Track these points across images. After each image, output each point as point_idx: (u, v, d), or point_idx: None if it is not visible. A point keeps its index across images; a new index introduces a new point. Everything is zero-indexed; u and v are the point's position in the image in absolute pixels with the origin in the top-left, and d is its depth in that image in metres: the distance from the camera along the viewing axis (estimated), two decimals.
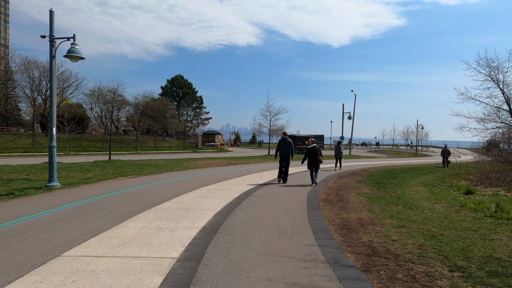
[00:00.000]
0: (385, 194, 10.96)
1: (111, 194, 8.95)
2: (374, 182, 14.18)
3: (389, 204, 8.84)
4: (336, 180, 13.78)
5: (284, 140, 12.38)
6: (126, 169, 16.72)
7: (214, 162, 23.50)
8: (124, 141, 45.58)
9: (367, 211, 7.52)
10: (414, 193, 12.31)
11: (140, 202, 7.75)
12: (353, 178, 14.75)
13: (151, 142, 47.78)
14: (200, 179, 12.68)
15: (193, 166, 19.91)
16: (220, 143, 61.16)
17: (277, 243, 4.82)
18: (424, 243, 5.01)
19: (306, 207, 7.61)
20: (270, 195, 9.09)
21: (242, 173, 15.52)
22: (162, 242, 4.80)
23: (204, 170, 17.16)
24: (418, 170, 22.19)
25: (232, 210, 7.08)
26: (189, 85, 58.01)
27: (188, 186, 10.69)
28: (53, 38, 10.47)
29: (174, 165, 20.07)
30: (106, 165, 19.29)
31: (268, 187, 10.71)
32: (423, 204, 9.65)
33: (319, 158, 12.08)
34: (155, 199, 8.21)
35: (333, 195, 9.69)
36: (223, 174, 15.06)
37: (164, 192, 9.37)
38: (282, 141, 12.42)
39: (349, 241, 5.05)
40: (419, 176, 19.00)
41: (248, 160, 27.10)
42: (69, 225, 5.70)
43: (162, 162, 23.59)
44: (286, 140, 12.35)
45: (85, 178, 12.98)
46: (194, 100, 59.01)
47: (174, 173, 15.16)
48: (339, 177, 14.80)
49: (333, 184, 12.44)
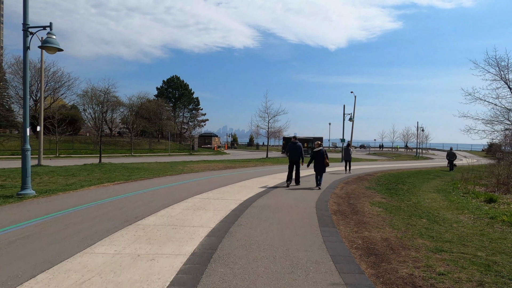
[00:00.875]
0: (400, 203, 9.77)
1: (88, 205, 7.69)
2: (384, 188, 13.00)
3: (410, 216, 7.64)
4: (343, 186, 12.59)
5: (293, 144, 12.21)
6: (115, 174, 15.46)
7: (210, 166, 22.26)
8: (118, 143, 44.22)
9: (390, 226, 6.32)
10: (430, 201, 11.15)
11: (120, 216, 6.50)
12: (361, 184, 13.56)
13: (146, 144, 46.45)
14: (194, 186, 11.44)
15: (188, 170, 18.66)
16: (217, 145, 59.88)
17: (289, 280, 3.60)
18: (482, 278, 3.81)
19: (317, 222, 6.39)
20: (274, 206, 7.87)
21: (240, 178, 14.30)
22: (135, 279, 3.57)
23: (199, 174, 15.91)
24: (425, 174, 21.05)
25: (229, 227, 5.85)
26: (185, 86, 56.72)
27: (179, 194, 9.45)
28: (27, 27, 9.22)
29: (168, 169, 18.82)
30: (95, 168, 18.01)
31: (270, 195, 9.49)
32: (445, 215, 8.48)
33: (326, 162, 11.91)
34: (138, 211, 6.97)
35: (345, 205, 8.48)
36: (220, 179, 13.83)
37: (151, 202, 8.12)
38: (291, 144, 12.25)
39: (383, 275, 3.84)
40: (428, 181, 17.85)
41: (246, 163, 25.87)
42: (19, 250, 4.45)
43: (156, 165, 22.36)
44: (295, 144, 12.18)
45: (67, 184, 11.71)
46: (190, 101, 57.71)
47: (166, 178, 13.91)
48: (345, 183, 13.61)
49: (341, 191, 11.24)
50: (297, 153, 12.00)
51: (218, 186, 11.28)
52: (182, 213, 6.93)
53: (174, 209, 7.34)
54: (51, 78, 38.79)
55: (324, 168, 11.84)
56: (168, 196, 9.11)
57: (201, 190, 10.33)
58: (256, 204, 8.12)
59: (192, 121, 60.97)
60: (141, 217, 6.44)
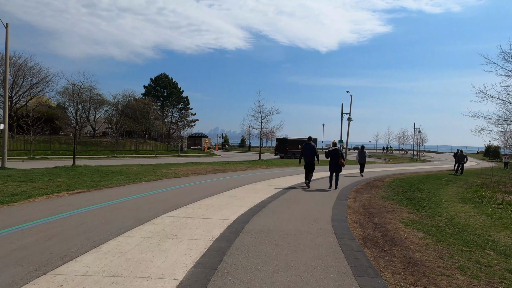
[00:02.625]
0: (434, 220, 7.58)
1: (3, 232, 5.31)
2: (403, 198, 10.82)
3: (468, 245, 5.43)
4: (356, 196, 10.37)
5: (307, 145, 11.99)
6: (83, 179, 13.04)
7: (197, 169, 19.90)
8: (102, 143, 41.48)
9: (459, 270, 4.09)
10: (465, 215, 9.00)
11: (34, 257, 4.14)
12: (374, 192, 11.37)
13: (131, 145, 43.79)
14: (172, 196, 9.09)
15: (171, 174, 16.30)
16: (207, 146, 57.36)
17: None
18: None
19: (347, 265, 4.10)
20: (275, 232, 5.58)
21: (229, 184, 12.00)
22: None
23: (182, 180, 13.55)
24: (435, 179, 18.97)
25: (208, 277, 3.56)
26: (174, 84, 54.04)
27: (148, 209, 7.11)
28: None
29: (148, 173, 16.44)
30: (62, 173, 15.52)
31: (269, 212, 7.20)
32: (504, 240, 6.31)
33: (341, 161, 11.59)
34: (72, 244, 4.62)
35: (370, 227, 6.25)
36: (206, 186, 11.51)
37: (101, 226, 5.76)
38: (305, 146, 12.05)
39: None
40: (443, 187, 15.78)
41: (237, 166, 23.55)
42: None
43: (137, 168, 19.96)
44: (309, 145, 11.94)
45: (13, 193, 9.30)
46: (179, 100, 55.02)
47: (141, 186, 11.54)
48: (356, 191, 11.40)
49: (355, 202, 9.02)
50: (311, 154, 11.76)
51: (202, 197, 8.96)
52: (140, 246, 4.60)
53: (131, 237, 5.01)
54: (28, 73, 35.90)
55: (340, 168, 11.64)
56: (132, 213, 6.75)
57: (178, 203, 7.99)
58: (251, 227, 5.81)
59: (182, 121, 58.28)
60: (70, 258, 4.09)
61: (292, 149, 41.99)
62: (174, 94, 54.20)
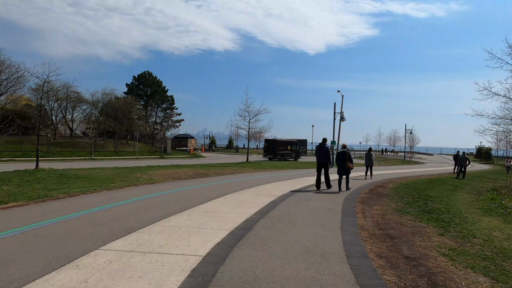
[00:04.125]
0: (474, 247, 5.67)
1: None
2: (418, 210, 8.92)
3: None
4: (364, 209, 8.42)
5: (321, 146, 11.89)
6: (34, 187, 10.87)
7: (177, 173, 17.75)
8: (79, 145, 38.80)
9: None
10: (500, 234, 7.13)
11: None
12: (384, 203, 9.46)
13: (111, 146, 41.22)
14: (127, 213, 6.94)
15: (145, 179, 14.15)
16: (193, 148, 54.97)
17: None
18: None
19: None
20: (264, 283, 3.55)
21: (209, 193, 9.93)
22: None
23: (153, 188, 11.41)
24: (439, 183, 17.22)
25: None
26: (158, 83, 51.48)
27: (79, 238, 4.97)
28: None
29: (119, 178, 14.28)
30: (14, 178, 13.24)
31: (255, 240, 5.14)
32: None
33: (348, 165, 11.39)
34: None
35: (404, 266, 4.26)
36: (179, 196, 9.40)
37: (12, 263, 3.65)
38: (319, 147, 11.97)
39: None
40: (452, 193, 14.02)
41: (223, 169, 21.45)
42: None
43: (108, 172, 17.74)
44: (324, 146, 11.85)
45: None
46: (164, 99, 52.46)
47: (99, 196, 9.38)
48: (362, 202, 9.45)
49: (366, 220, 7.06)
50: (324, 155, 11.71)
51: (170, 213, 6.87)
52: None
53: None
54: None
55: (348, 171, 11.56)
56: (52, 247, 4.60)
57: (133, 224, 5.87)
58: (227, 273, 3.72)
59: (166, 122, 55.74)
60: None
61: (281, 151, 40.02)
62: (158, 93, 51.69)
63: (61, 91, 39.35)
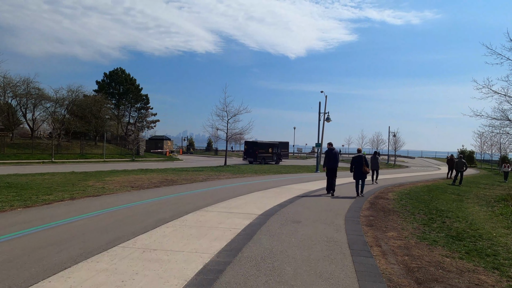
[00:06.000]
0: None
1: None
2: (443, 235, 6.72)
3: None
4: (376, 237, 6.10)
5: (330, 151, 11.91)
6: None
7: (140, 179, 15.08)
8: (40, 146, 35.12)
9: None
10: None
11: None
12: (398, 227, 7.19)
13: (78, 148, 37.77)
14: (39, 249, 4.38)
15: (95, 188, 11.51)
16: (170, 150, 51.84)
17: None
18: None
19: None
20: None
21: (164, 212, 7.39)
22: None
23: (96, 202, 8.74)
24: (441, 192, 15.18)
25: None
26: (131, 80, 48.10)
27: None
28: None
29: (64, 187, 11.62)
30: None
31: None
32: None
33: (364, 169, 11.37)
34: None
35: None
36: (117, 218, 6.80)
37: None
38: (329, 151, 11.94)
39: None
40: (461, 204, 12.02)
41: (196, 174, 18.86)
42: None
43: (58, 178, 14.98)
44: (332, 151, 11.90)
45: None
46: (138, 99, 49.09)
47: (19, 216, 6.67)
48: (369, 225, 7.14)
49: (387, 262, 4.75)
50: (335, 160, 11.73)
51: (75, 259, 4.32)
52: None
53: None
54: None
55: (365, 175, 11.53)
56: None
57: (33, 276, 3.33)
58: None
59: (141, 122, 52.34)
60: None
61: (262, 154, 37.63)
62: (132, 91, 48.31)
63: (20, 87, 35.72)
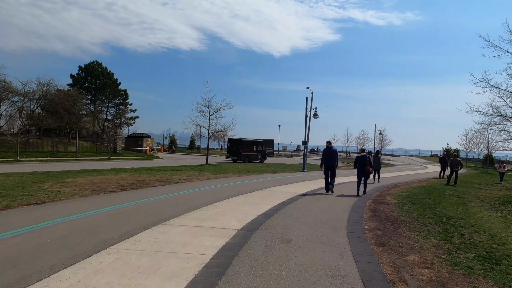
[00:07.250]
0: None
1: None
2: (473, 257, 5.34)
3: None
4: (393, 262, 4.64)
5: (329, 150, 11.77)
6: None
7: (108, 181, 13.27)
8: (6, 143, 32.49)
9: None
10: None
11: None
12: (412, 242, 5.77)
13: (48, 146, 35.26)
14: None
15: (49, 193, 9.76)
16: (150, 148, 49.57)
17: None
18: None
19: None
20: None
21: (117, 227, 5.73)
22: None
23: (41, 213, 6.96)
24: (440, 194, 13.87)
25: None
26: (108, 75, 45.62)
27: None
28: None
29: (11, 191, 9.80)
30: None
31: None
32: None
33: (368, 168, 11.48)
34: None
35: None
36: (58, 235, 5.11)
37: None
38: (327, 150, 11.80)
39: None
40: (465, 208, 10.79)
41: (173, 174, 17.12)
42: None
43: (11, 180, 13.29)
44: (331, 149, 11.77)
45: None
46: (116, 94, 46.62)
47: None
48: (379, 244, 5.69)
49: None
50: (333, 159, 11.57)
51: None
52: None
53: None
54: None
55: (368, 175, 11.69)
56: None
57: None
58: None
59: (119, 119, 49.86)
60: None
61: (246, 152, 36.02)
62: (109, 86, 45.80)
63: None
